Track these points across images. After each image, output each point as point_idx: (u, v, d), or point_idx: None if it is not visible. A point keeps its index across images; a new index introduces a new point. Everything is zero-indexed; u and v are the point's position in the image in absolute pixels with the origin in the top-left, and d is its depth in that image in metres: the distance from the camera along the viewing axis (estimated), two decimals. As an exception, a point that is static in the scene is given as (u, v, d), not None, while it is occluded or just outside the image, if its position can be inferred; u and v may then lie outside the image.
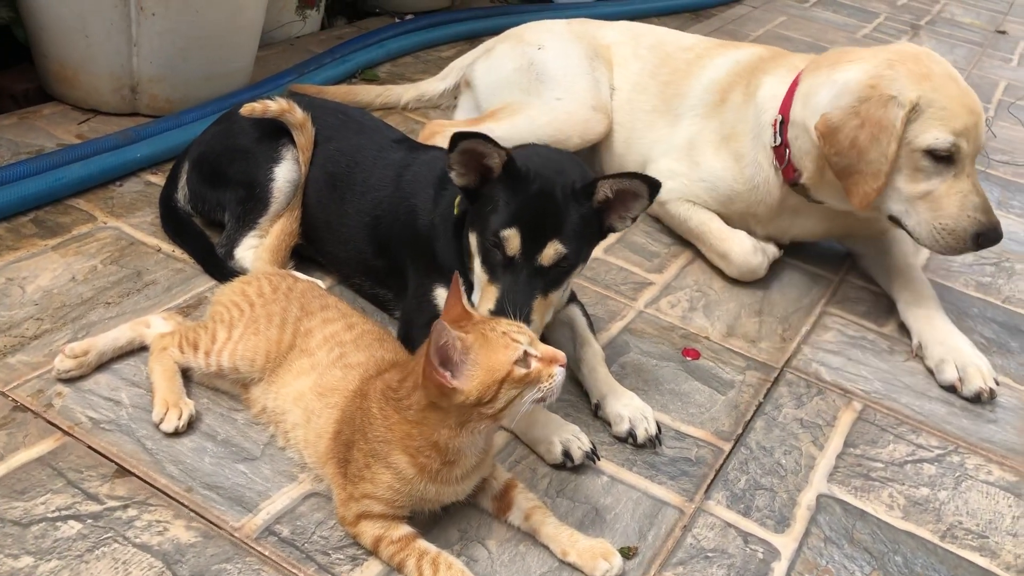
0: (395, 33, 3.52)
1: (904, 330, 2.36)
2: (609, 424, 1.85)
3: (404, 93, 3.06)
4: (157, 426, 1.64)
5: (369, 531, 1.48)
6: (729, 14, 4.93)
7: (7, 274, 1.97)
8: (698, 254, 2.55)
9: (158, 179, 2.39)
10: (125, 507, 1.50)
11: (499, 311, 1.64)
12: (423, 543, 1.47)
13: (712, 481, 1.78)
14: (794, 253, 2.60)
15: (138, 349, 1.80)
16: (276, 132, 2.08)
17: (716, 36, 3.94)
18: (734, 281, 2.45)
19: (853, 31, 4.93)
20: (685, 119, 2.66)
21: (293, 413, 1.64)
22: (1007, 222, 3.03)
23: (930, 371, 2.22)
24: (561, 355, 1.42)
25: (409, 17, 3.85)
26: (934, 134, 2.14)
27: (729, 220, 2.54)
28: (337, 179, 2.04)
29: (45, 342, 1.81)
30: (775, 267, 2.49)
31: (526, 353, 1.39)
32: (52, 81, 2.69)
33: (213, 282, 2.05)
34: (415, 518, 1.52)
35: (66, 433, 1.61)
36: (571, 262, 1.72)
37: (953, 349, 2.20)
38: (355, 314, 1.81)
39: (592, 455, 1.73)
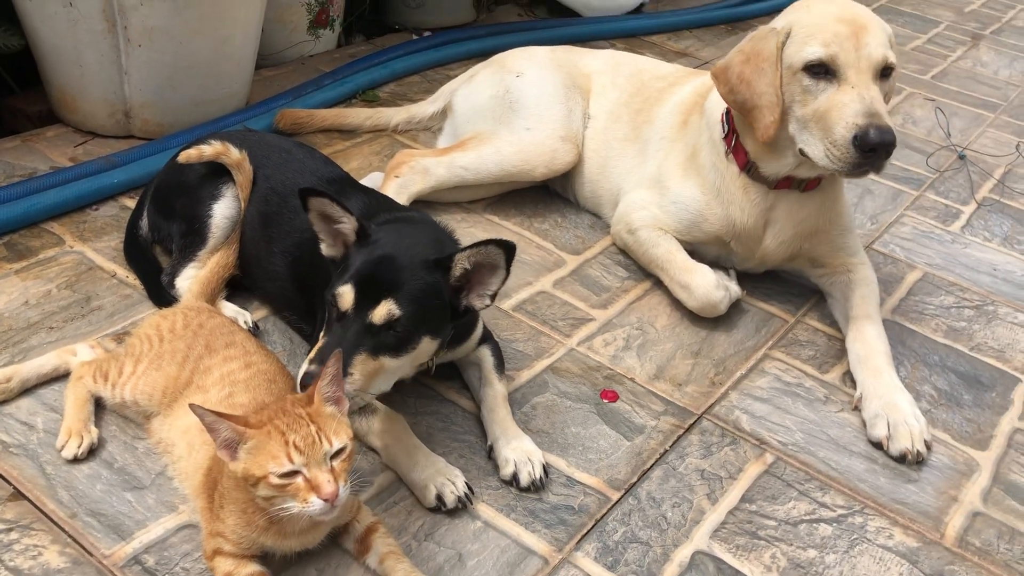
0: (403, 52, 3.60)
1: (847, 379, 2.31)
2: (497, 467, 1.90)
3: (394, 115, 3.14)
4: (59, 452, 1.78)
5: (221, 567, 1.58)
6: (772, 24, 4.82)
7: (-32, 297, 2.16)
8: (653, 289, 2.55)
9: (133, 203, 2.55)
10: (9, 530, 1.63)
11: (317, 359, 1.63)
12: (267, 583, 1.56)
13: (588, 532, 1.81)
14: (758, 291, 2.58)
15: (64, 376, 1.94)
16: (220, 169, 2.20)
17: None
18: (679, 320, 2.44)
19: (905, 42, 4.75)
20: (652, 145, 2.67)
21: (179, 446, 1.75)
22: (1008, 259, 2.93)
23: (865, 425, 2.17)
24: (326, 490, 1.43)
25: (427, 34, 3.93)
26: (807, 49, 2.19)
27: (703, 252, 2.55)
28: (268, 219, 2.14)
29: (-17, 365, 1.98)
30: (731, 307, 2.47)
31: (297, 471, 1.44)
32: (56, 105, 2.89)
33: (154, 309, 2.18)
34: (274, 556, 1.61)
35: (-24, 455, 1.76)
36: (407, 328, 1.68)
37: (890, 405, 2.15)
38: (258, 352, 1.90)
39: (465, 500, 1.78)
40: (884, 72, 2.22)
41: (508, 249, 1.69)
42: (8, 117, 3.03)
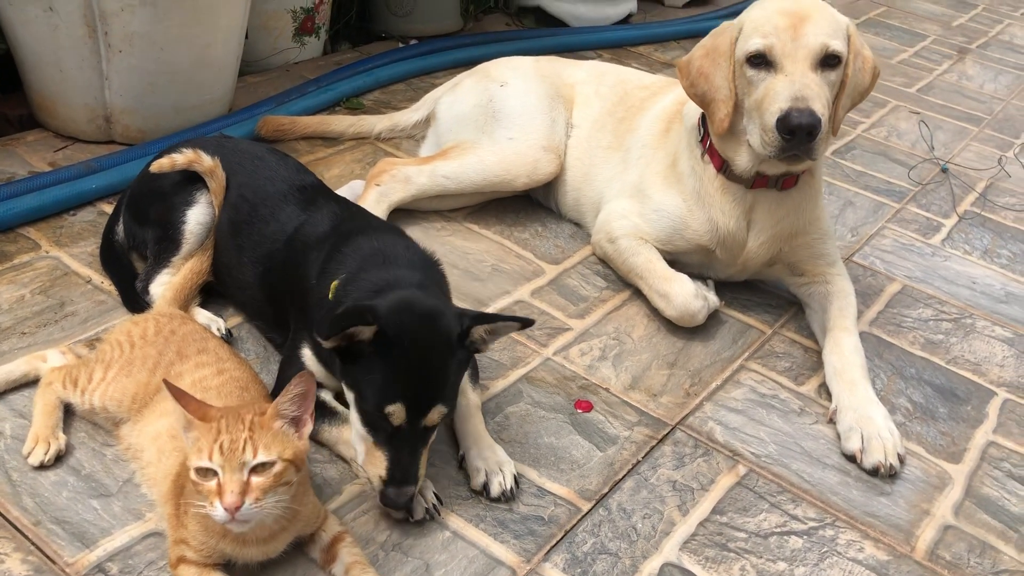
0: (388, 61, 3.60)
1: (823, 391, 2.31)
2: (468, 476, 1.89)
3: (377, 123, 3.14)
4: (26, 458, 1.77)
5: (185, 575, 1.57)
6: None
7: (-59, 301, 2.15)
8: (630, 299, 2.55)
9: (111, 209, 2.54)
10: (-28, 537, 1.63)
11: (391, 480, 1.69)
12: (230, 592, 1.55)
13: (557, 543, 1.81)
14: (736, 302, 2.58)
15: (34, 381, 1.93)
16: (195, 176, 2.19)
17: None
18: (655, 330, 2.44)
19: (891, 55, 4.77)
20: (634, 153, 2.68)
21: (149, 451, 1.74)
22: (987, 273, 2.93)
23: (839, 437, 2.17)
24: (227, 499, 1.44)
25: (413, 42, 3.94)
26: (749, 42, 2.26)
27: (685, 263, 2.56)
28: (239, 227, 2.13)
29: (-48, 370, 1.96)
30: (708, 318, 2.47)
31: (215, 471, 1.46)
32: (36, 110, 2.89)
33: (128, 315, 2.17)
34: (236, 565, 1.60)
35: (-58, 461, 1.75)
36: (452, 411, 1.78)
37: (864, 418, 2.15)
38: (231, 359, 1.90)
39: (433, 511, 1.78)
40: (828, 61, 2.24)
41: (526, 325, 1.75)
42: (-11, 121, 3.02)
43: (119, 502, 1.74)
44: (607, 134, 2.79)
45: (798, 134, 2.16)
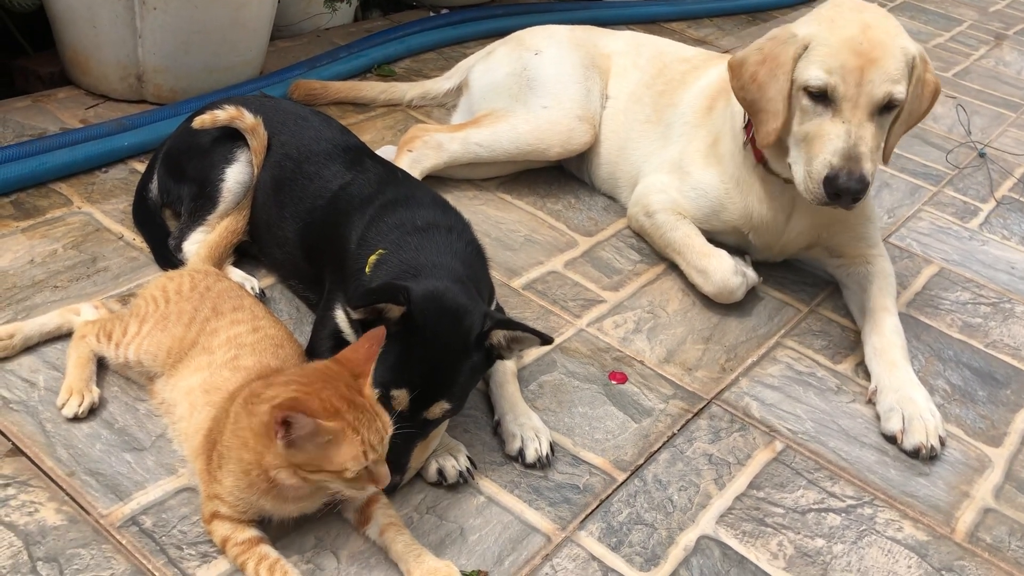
0: (419, 29, 3.56)
1: (860, 371, 2.28)
2: (503, 442, 1.87)
3: (408, 90, 3.10)
4: (60, 410, 1.75)
5: (219, 530, 1.55)
6: (795, 16, 4.77)
7: (-27, 253, 2.13)
8: (665, 273, 2.51)
9: (142, 167, 2.52)
10: (6, 486, 1.61)
11: (395, 468, 1.62)
12: (265, 548, 1.53)
13: (592, 511, 1.78)
14: (772, 280, 2.54)
15: (67, 334, 1.91)
16: (234, 133, 2.16)
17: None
18: (690, 304, 2.41)
19: (926, 39, 4.69)
20: (675, 128, 2.63)
21: (181, 406, 1.72)
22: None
23: (879, 417, 2.13)
24: (385, 482, 1.47)
25: (444, 11, 3.89)
26: (811, 71, 2.16)
27: (721, 240, 2.51)
28: (281, 184, 2.10)
29: (-15, 321, 1.95)
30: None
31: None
32: (68, 66, 2.86)
33: (160, 272, 2.15)
34: (271, 521, 1.58)
35: (-24, 410, 1.74)
36: (455, 412, 1.71)
37: (905, 399, 2.11)
38: (266, 318, 1.88)
39: (467, 475, 1.76)
40: (889, 106, 2.18)
41: (544, 341, 1.67)
42: (20, 78, 3.00)
43: (152, 456, 1.72)
44: (645, 107, 2.74)
45: (844, 197, 2.12)
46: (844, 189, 2.11)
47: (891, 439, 2.08)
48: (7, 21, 2.83)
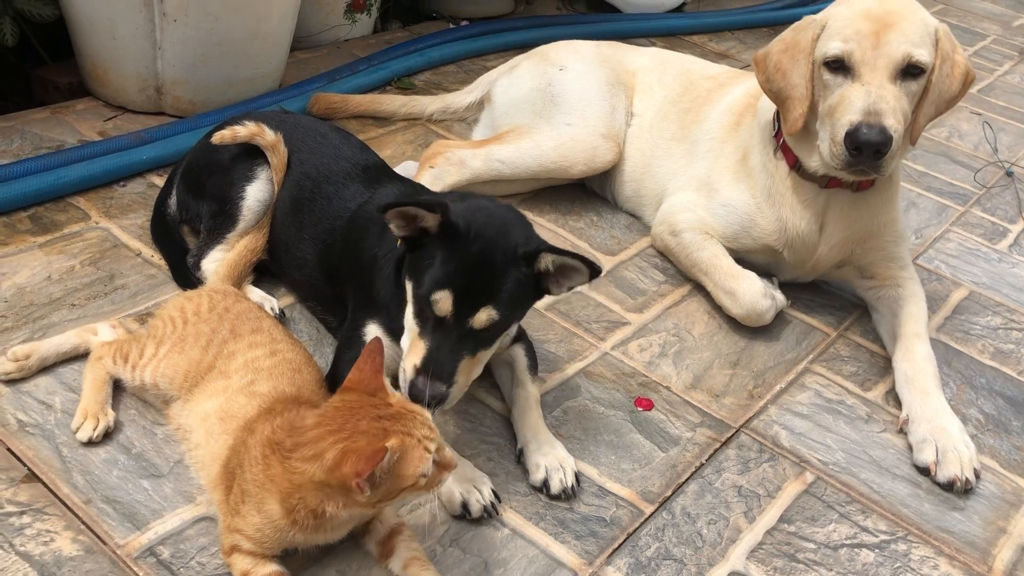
0: (439, 41, 3.52)
1: (890, 398, 2.22)
2: (527, 472, 1.82)
3: (429, 104, 3.07)
4: (74, 434, 1.71)
5: (239, 564, 1.51)
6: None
7: (-10, 269, 2.10)
8: (690, 294, 2.47)
9: (161, 181, 2.49)
10: (21, 513, 1.57)
11: (424, 369, 1.64)
12: (286, 584, 1.49)
13: (620, 546, 1.73)
14: (799, 303, 2.49)
15: (84, 355, 1.88)
16: (254, 150, 2.13)
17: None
18: (716, 327, 2.36)
19: (950, 54, 4.62)
20: (702, 146, 2.59)
21: (197, 432, 1.68)
22: (1055, 282, 2.82)
23: (911, 448, 2.08)
24: (453, 465, 1.47)
25: (464, 23, 3.86)
26: (828, 44, 2.16)
27: (750, 261, 2.46)
28: (301, 204, 2.07)
29: (2, 340, 1.91)
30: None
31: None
32: (87, 78, 2.83)
33: (179, 290, 2.12)
34: (297, 552, 1.54)
35: (-9, 434, 1.70)
36: (504, 325, 1.69)
37: (939, 430, 2.06)
38: (285, 340, 1.84)
39: (491, 509, 1.71)
40: (911, 71, 2.14)
41: (593, 271, 1.65)
42: (38, 88, 2.97)
43: (170, 483, 1.68)
44: (671, 124, 2.70)
45: (865, 151, 2.08)
46: (865, 142, 2.07)
47: (924, 471, 2.03)
48: (26, 31, 2.80)
